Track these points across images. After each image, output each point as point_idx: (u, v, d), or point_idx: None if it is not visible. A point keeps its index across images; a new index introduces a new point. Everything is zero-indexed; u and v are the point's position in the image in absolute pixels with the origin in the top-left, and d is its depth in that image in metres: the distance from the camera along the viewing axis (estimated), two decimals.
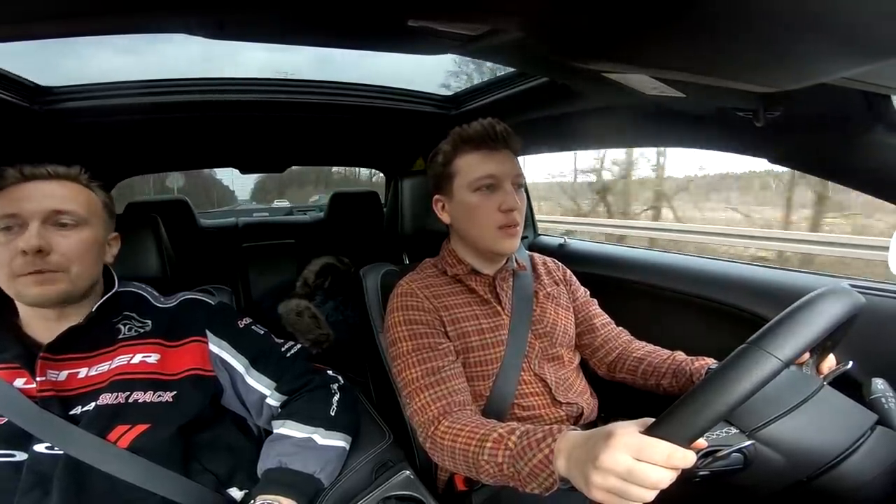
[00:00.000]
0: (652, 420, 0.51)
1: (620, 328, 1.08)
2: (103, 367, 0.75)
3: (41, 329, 0.75)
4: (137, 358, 0.76)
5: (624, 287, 1.33)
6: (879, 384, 0.65)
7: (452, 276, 0.98)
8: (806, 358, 0.69)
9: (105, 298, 0.78)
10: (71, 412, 0.71)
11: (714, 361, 0.88)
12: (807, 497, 0.57)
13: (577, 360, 1.04)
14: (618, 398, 1.07)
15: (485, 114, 0.97)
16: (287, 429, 0.78)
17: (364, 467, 0.80)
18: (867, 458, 0.56)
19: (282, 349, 0.88)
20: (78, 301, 0.76)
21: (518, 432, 0.66)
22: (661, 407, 0.52)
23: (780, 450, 0.57)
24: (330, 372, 0.90)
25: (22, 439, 0.67)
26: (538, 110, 1.26)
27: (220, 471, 0.77)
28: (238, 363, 0.83)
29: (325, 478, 0.75)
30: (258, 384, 0.83)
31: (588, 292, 1.12)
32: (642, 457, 0.48)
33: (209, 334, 0.83)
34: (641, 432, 0.50)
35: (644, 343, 1.04)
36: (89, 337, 0.76)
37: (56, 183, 0.74)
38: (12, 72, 1.01)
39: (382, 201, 2.27)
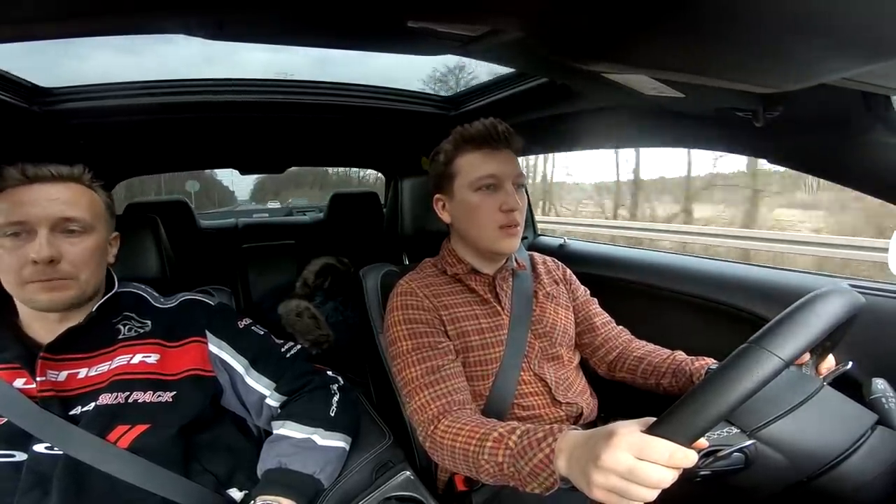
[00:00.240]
0: (653, 419, 0.51)
1: (620, 327, 1.08)
2: (103, 368, 0.75)
3: (41, 329, 0.75)
4: (137, 358, 0.76)
5: (624, 287, 1.34)
6: (879, 384, 0.65)
7: (452, 276, 0.98)
8: (806, 359, 0.69)
9: (105, 299, 0.78)
10: (71, 412, 0.71)
11: (714, 361, 0.88)
12: (807, 497, 0.57)
13: (577, 360, 1.04)
14: (618, 398, 1.07)
15: (484, 114, 0.97)
16: (287, 429, 0.78)
17: (364, 468, 0.80)
18: (867, 458, 0.56)
19: (281, 350, 0.88)
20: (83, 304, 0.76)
21: (518, 431, 0.66)
22: (661, 407, 0.52)
23: (781, 449, 0.57)
24: (330, 372, 0.90)
25: (22, 439, 0.67)
26: (538, 111, 1.26)
27: (220, 471, 0.77)
28: (238, 363, 0.83)
29: (325, 478, 0.75)
30: (258, 384, 0.83)
31: (588, 291, 1.12)
32: (644, 456, 0.48)
33: (209, 335, 0.83)
34: (643, 431, 0.50)
35: (644, 343, 1.04)
36: (89, 337, 0.76)
37: (61, 186, 0.73)
38: (12, 72, 1.01)
39: (382, 202, 2.27)
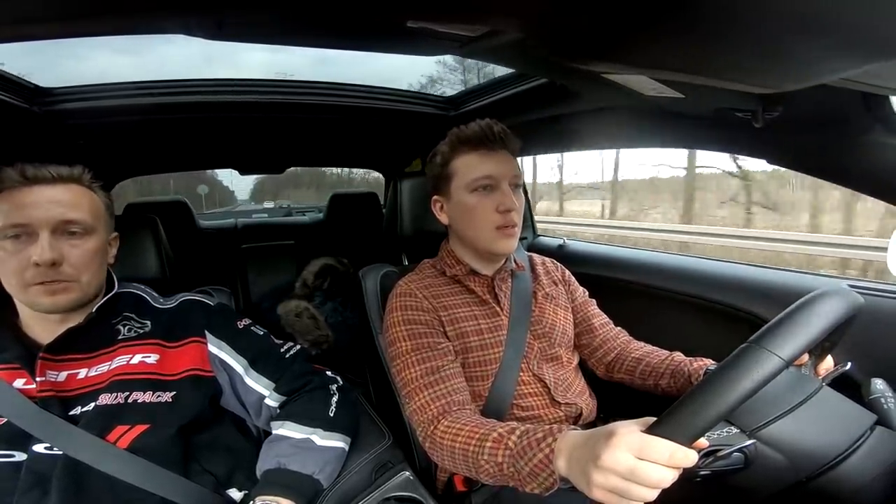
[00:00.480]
0: (653, 419, 0.51)
1: (619, 328, 1.08)
2: (103, 368, 0.75)
3: (41, 330, 0.75)
4: (137, 358, 0.76)
5: (622, 288, 1.34)
6: (878, 384, 0.65)
7: (451, 277, 0.98)
8: (805, 359, 0.69)
9: (105, 299, 0.78)
10: (70, 412, 0.71)
11: (712, 362, 0.88)
12: (807, 497, 0.57)
13: (576, 361, 1.04)
14: (616, 398, 1.07)
15: (484, 115, 0.97)
16: (286, 430, 0.78)
17: (364, 468, 0.80)
18: (867, 459, 0.56)
19: (281, 350, 0.88)
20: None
21: (518, 432, 0.66)
22: (660, 407, 0.52)
23: (781, 449, 0.57)
24: (329, 373, 0.90)
25: (21, 439, 0.67)
26: (537, 111, 1.26)
27: (220, 471, 0.77)
28: (237, 364, 0.83)
29: (325, 479, 0.75)
30: (257, 385, 0.83)
31: (587, 292, 1.12)
32: (644, 456, 0.48)
33: (208, 335, 0.83)
34: (643, 431, 0.50)
35: (642, 343, 1.04)
36: (89, 337, 0.76)
37: (61, 187, 0.73)
38: (12, 73, 1.01)
39: (381, 202, 2.27)
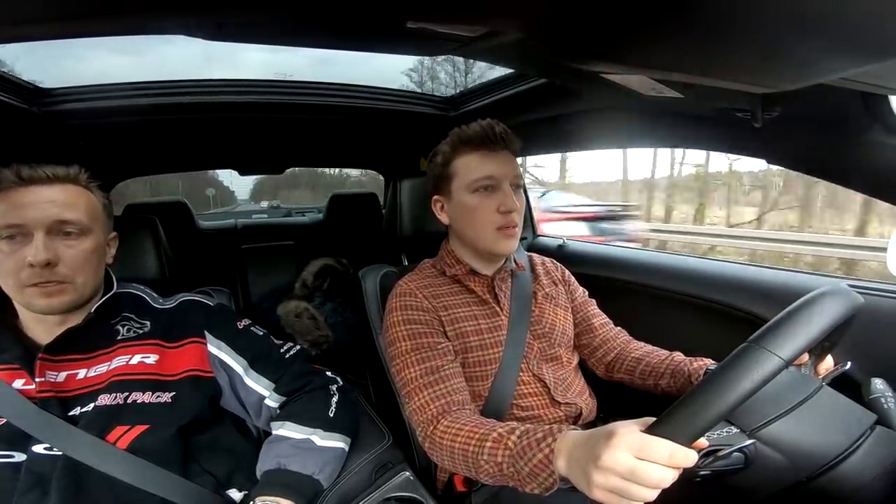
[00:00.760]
0: (653, 419, 0.51)
1: (619, 328, 1.08)
2: (102, 368, 0.74)
3: (41, 330, 0.75)
4: (136, 359, 0.76)
5: (622, 288, 1.34)
6: (878, 384, 0.65)
7: (451, 277, 0.98)
8: (805, 359, 0.69)
9: (104, 300, 0.78)
10: (70, 413, 0.70)
11: (712, 362, 0.88)
12: (807, 497, 0.57)
13: (576, 361, 1.04)
14: (616, 398, 1.07)
15: (484, 115, 0.97)
16: (286, 430, 0.78)
17: (364, 468, 0.80)
18: (867, 458, 0.56)
19: (281, 350, 0.88)
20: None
21: (518, 432, 0.66)
22: (660, 407, 0.52)
23: (781, 449, 0.57)
24: (329, 373, 0.90)
25: (21, 440, 0.67)
26: (537, 111, 1.26)
27: (220, 472, 0.77)
28: (237, 364, 0.83)
29: (325, 479, 0.75)
30: (257, 385, 0.83)
31: (587, 292, 1.12)
32: (644, 456, 0.48)
33: (208, 335, 0.83)
34: (643, 431, 0.50)
35: (642, 343, 1.04)
36: (88, 338, 0.76)
37: (57, 187, 0.73)
38: (11, 73, 1.01)
39: (381, 202, 2.27)
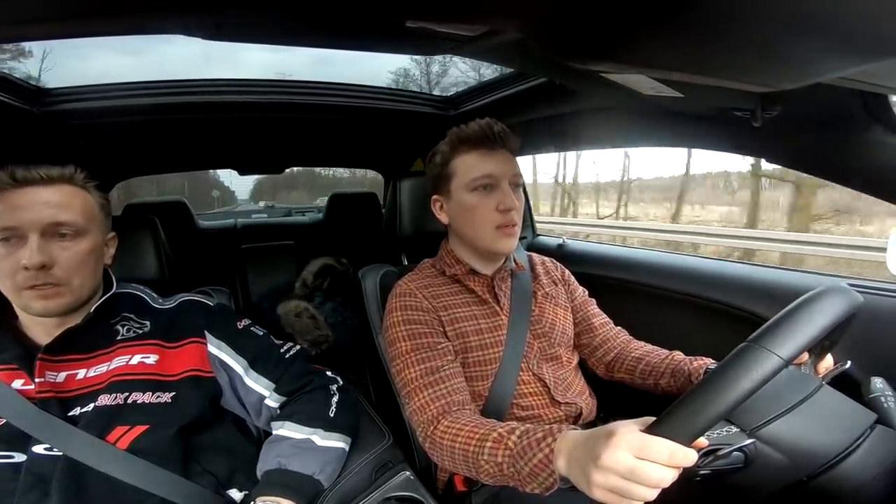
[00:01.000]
0: (653, 419, 0.51)
1: (619, 328, 1.08)
2: (102, 368, 0.74)
3: (40, 331, 0.75)
4: (136, 359, 0.76)
5: (622, 287, 1.34)
6: (878, 383, 0.66)
7: (451, 276, 0.98)
8: (805, 358, 0.69)
9: (103, 299, 0.78)
10: (70, 413, 0.70)
11: (712, 361, 0.88)
12: (806, 496, 0.57)
13: (576, 360, 1.04)
14: (616, 398, 1.07)
15: (483, 114, 0.97)
16: (286, 430, 0.78)
17: (364, 468, 0.80)
18: (867, 458, 0.56)
19: (281, 350, 0.88)
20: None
21: (518, 432, 0.66)
22: (660, 407, 0.52)
23: (781, 449, 0.57)
24: (329, 373, 0.90)
25: (21, 440, 0.67)
26: (537, 110, 1.26)
27: (220, 472, 0.77)
28: (237, 364, 0.83)
29: (325, 479, 0.75)
30: (257, 385, 0.83)
31: (586, 292, 1.12)
32: (644, 455, 0.48)
33: (208, 335, 0.83)
34: (643, 431, 0.50)
35: (642, 343, 1.04)
36: (87, 338, 0.76)
37: (52, 188, 0.72)
38: (12, 73, 1.01)
39: (381, 202, 2.27)
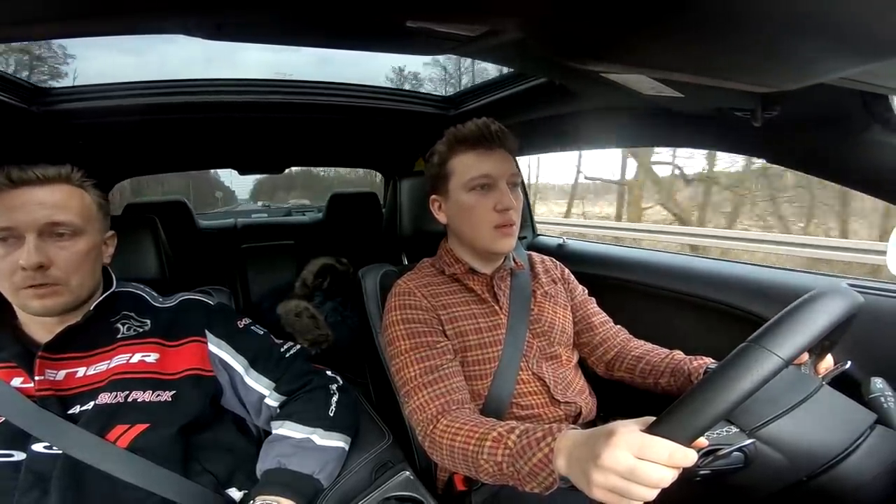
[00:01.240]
0: (653, 419, 0.51)
1: (619, 327, 1.08)
2: (102, 367, 0.74)
3: (40, 329, 0.75)
4: (136, 357, 0.76)
5: (622, 287, 1.34)
6: (878, 383, 0.66)
7: (450, 276, 0.98)
8: (805, 358, 0.69)
9: (103, 298, 0.78)
10: (69, 411, 0.70)
11: (712, 361, 0.88)
12: (806, 496, 0.57)
13: (576, 359, 1.04)
14: (616, 397, 1.07)
15: (483, 114, 0.97)
16: (286, 429, 0.78)
17: (364, 468, 0.80)
18: (867, 458, 0.56)
19: (281, 349, 0.88)
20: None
21: (517, 431, 0.66)
22: (660, 406, 0.52)
23: (781, 449, 0.57)
24: (329, 372, 0.90)
25: (20, 439, 0.67)
26: (537, 111, 1.26)
27: (220, 471, 0.77)
28: (237, 363, 0.83)
29: (325, 478, 0.75)
30: (257, 384, 0.83)
31: (586, 291, 1.12)
32: (644, 455, 0.48)
33: (208, 334, 0.83)
34: (643, 431, 0.50)
35: (642, 342, 1.04)
36: (87, 336, 0.76)
37: (48, 188, 0.72)
38: (10, 73, 1.01)
39: (381, 202, 2.27)
